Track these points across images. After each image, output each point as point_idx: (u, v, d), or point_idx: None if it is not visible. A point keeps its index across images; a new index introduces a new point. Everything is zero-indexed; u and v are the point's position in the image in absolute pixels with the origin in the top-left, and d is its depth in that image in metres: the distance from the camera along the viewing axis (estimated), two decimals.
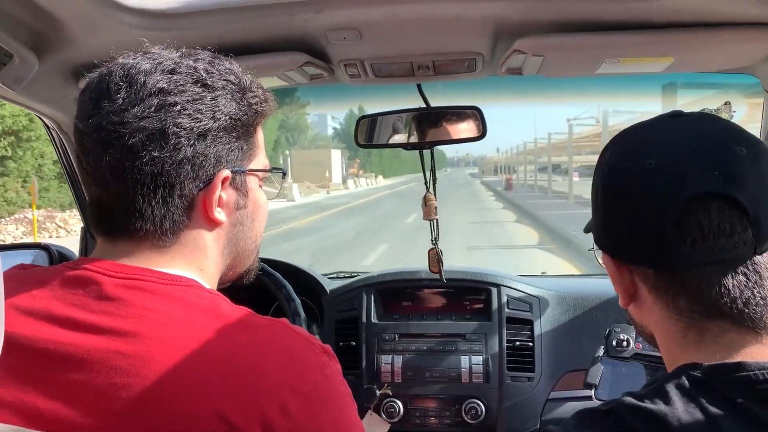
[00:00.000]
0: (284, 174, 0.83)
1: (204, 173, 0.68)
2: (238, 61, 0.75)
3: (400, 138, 1.56)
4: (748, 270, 0.59)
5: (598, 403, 1.21)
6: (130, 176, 0.65)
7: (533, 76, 1.27)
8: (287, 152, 50.01)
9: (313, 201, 30.17)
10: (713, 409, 0.54)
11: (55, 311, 0.63)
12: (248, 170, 0.74)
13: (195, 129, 0.66)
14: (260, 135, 0.77)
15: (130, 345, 0.60)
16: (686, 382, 0.57)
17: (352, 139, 1.57)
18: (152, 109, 0.65)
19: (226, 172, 0.70)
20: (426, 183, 1.57)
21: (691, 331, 0.62)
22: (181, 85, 0.66)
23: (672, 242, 0.59)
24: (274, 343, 0.64)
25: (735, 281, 0.58)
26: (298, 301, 1.45)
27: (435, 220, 1.59)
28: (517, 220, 17.11)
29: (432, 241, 1.61)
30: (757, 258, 0.59)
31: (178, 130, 0.65)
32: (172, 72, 0.67)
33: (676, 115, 0.67)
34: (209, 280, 0.73)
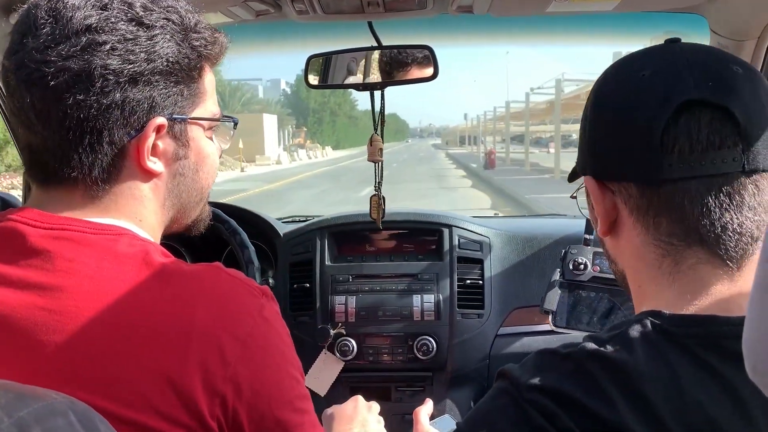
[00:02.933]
0: (236, 124, 0.78)
1: (136, 120, 0.64)
2: None
3: (352, 78, 1.53)
4: (732, 190, 0.56)
5: (558, 330, 1.24)
6: (55, 120, 0.61)
7: (488, 17, 1.25)
8: None
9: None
10: (676, 362, 0.53)
11: None
12: (189, 118, 0.69)
13: (125, 71, 0.61)
14: (208, 80, 0.71)
15: (56, 300, 0.58)
16: (652, 331, 0.55)
17: (301, 104, 1.52)
18: (78, 48, 0.60)
19: (160, 120, 0.65)
20: (374, 124, 1.56)
21: (666, 260, 0.60)
22: (112, 22, 0.61)
23: (659, 151, 0.57)
24: (205, 290, 0.63)
25: (717, 201, 0.56)
26: (252, 248, 1.44)
27: (380, 163, 1.58)
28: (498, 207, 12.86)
29: (375, 186, 1.60)
30: (743, 179, 0.57)
31: (106, 72, 0.60)
32: (104, 8, 0.61)
33: (674, 41, 0.65)
34: (150, 231, 0.70)
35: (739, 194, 0.57)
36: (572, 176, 0.75)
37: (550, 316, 1.27)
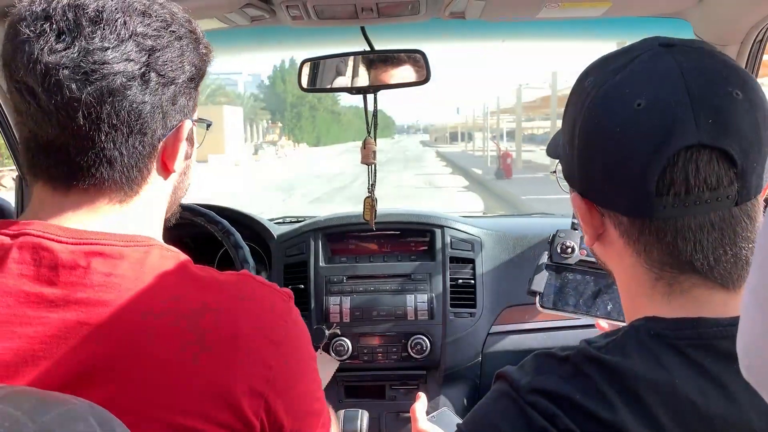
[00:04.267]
0: (208, 126, 0.82)
1: (170, 122, 0.67)
2: (179, 2, 0.72)
3: (345, 82, 1.55)
4: (725, 225, 0.56)
5: (544, 311, 1.25)
6: (106, 118, 0.62)
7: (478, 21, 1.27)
8: None
9: None
10: (670, 364, 0.54)
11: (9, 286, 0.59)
12: (194, 120, 0.74)
13: (169, 76, 0.65)
14: None
15: (100, 316, 0.59)
16: (645, 335, 0.56)
17: (275, 98, 1.53)
18: (133, 52, 0.62)
19: (189, 123, 0.70)
20: (368, 127, 1.58)
21: (660, 282, 0.59)
22: (155, 29, 0.65)
23: (653, 193, 0.55)
24: (244, 299, 0.66)
25: (711, 237, 0.56)
26: (246, 248, 1.46)
27: (373, 165, 1.60)
28: None
29: (368, 188, 1.62)
30: (735, 210, 0.56)
31: (156, 76, 0.64)
32: (144, 14, 0.65)
33: (668, 45, 0.60)
34: (160, 230, 0.73)
35: (733, 229, 0.56)
36: (551, 150, 0.74)
37: (537, 297, 1.27)
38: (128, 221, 0.67)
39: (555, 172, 0.73)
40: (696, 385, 0.53)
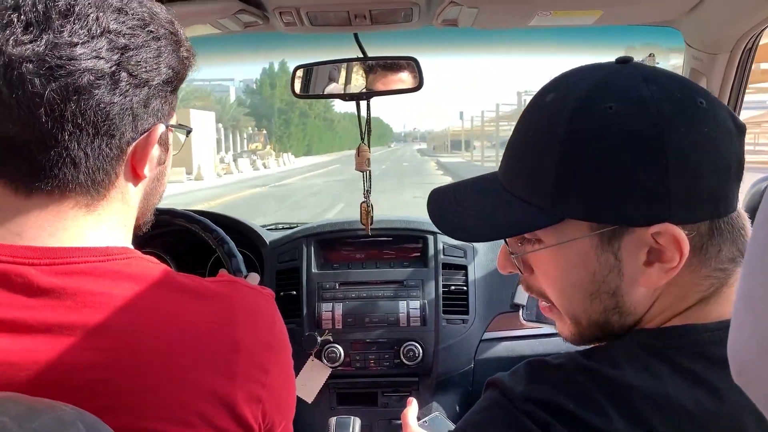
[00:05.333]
0: (189, 132, 0.79)
1: (141, 126, 0.64)
2: (171, 7, 0.71)
3: (337, 88, 1.55)
4: (732, 223, 0.57)
5: (528, 323, 1.24)
6: (71, 117, 0.59)
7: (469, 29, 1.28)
8: None
9: None
10: (661, 373, 0.54)
11: None
12: (170, 125, 0.71)
13: (142, 78, 0.63)
14: None
15: (95, 338, 0.57)
16: (635, 346, 0.56)
17: (263, 103, 1.52)
18: (104, 50, 0.59)
19: (162, 127, 0.67)
20: (361, 134, 1.58)
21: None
22: (130, 28, 0.62)
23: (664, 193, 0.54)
24: (237, 306, 0.66)
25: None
26: (239, 257, 1.45)
27: (368, 172, 1.60)
28: None
29: (364, 194, 1.63)
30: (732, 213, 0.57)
31: (128, 76, 0.61)
32: (120, 11, 0.62)
33: (624, 62, 0.59)
34: (130, 236, 0.70)
35: (732, 226, 0.57)
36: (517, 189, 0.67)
37: (520, 311, 1.28)
38: (96, 229, 0.64)
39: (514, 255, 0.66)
40: (689, 392, 0.53)
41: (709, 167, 0.54)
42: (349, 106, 1.56)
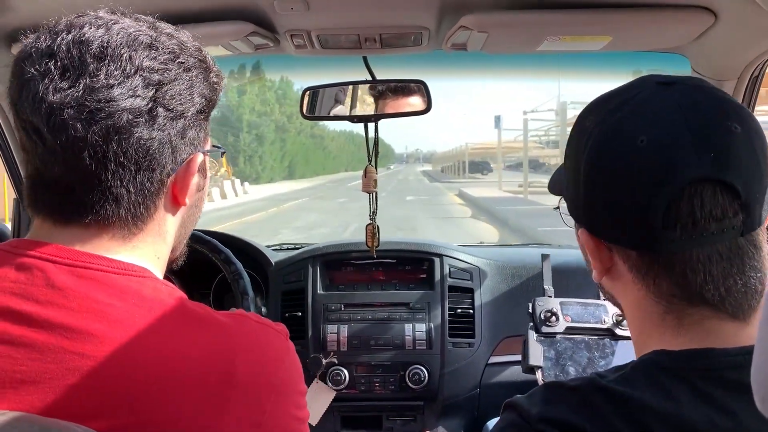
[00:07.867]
0: (223, 153, 0.80)
1: (180, 156, 0.65)
2: (184, 29, 0.71)
3: (346, 110, 1.57)
4: (732, 255, 0.57)
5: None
6: (113, 157, 0.60)
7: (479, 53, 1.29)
8: None
9: None
10: (678, 395, 0.54)
11: None
12: (207, 151, 0.71)
13: (178, 110, 0.64)
14: None
15: (87, 344, 0.57)
16: (654, 369, 0.56)
17: (226, 115, 1.50)
18: (139, 87, 0.61)
19: (200, 156, 0.68)
20: (369, 156, 1.58)
21: (670, 315, 0.60)
22: (162, 63, 0.63)
23: (660, 227, 0.56)
24: (241, 340, 0.64)
25: (719, 267, 0.57)
26: (247, 279, 1.45)
27: (374, 194, 1.60)
28: None
29: (370, 215, 1.62)
30: (741, 240, 0.57)
31: (164, 111, 0.62)
32: (151, 47, 0.63)
33: (666, 83, 0.61)
34: (162, 267, 0.70)
35: (740, 259, 0.57)
36: (553, 188, 0.74)
37: (538, 372, 1.27)
38: (132, 252, 0.65)
39: (558, 208, 0.74)
40: (706, 416, 0.53)
41: None
42: (344, 124, 1.50)
